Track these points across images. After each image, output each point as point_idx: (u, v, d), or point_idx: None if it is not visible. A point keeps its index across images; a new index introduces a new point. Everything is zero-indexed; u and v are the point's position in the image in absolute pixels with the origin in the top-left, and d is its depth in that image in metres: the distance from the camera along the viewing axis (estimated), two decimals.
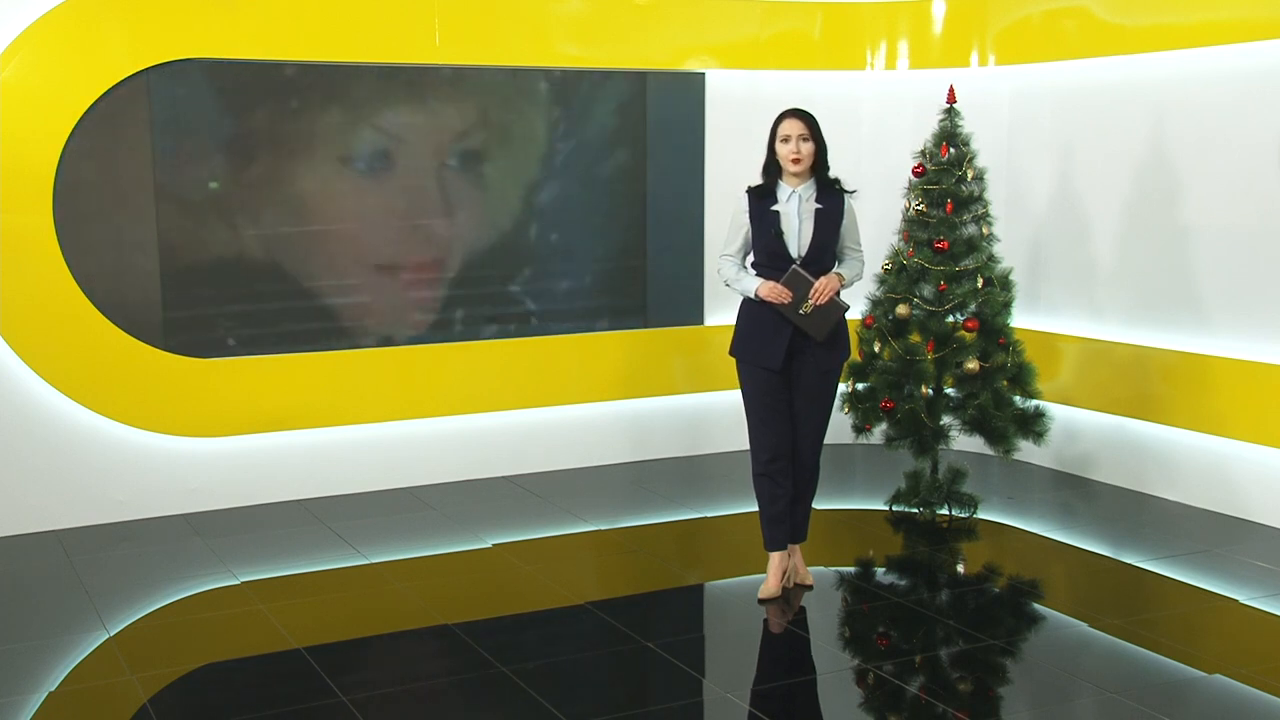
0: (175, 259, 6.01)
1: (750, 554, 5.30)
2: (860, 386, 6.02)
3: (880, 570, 5.43)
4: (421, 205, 6.50)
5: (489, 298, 6.69)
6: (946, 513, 6.00)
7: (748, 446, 4.92)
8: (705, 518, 6.14)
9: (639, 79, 6.91)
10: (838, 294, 4.71)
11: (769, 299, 4.69)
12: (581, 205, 6.89)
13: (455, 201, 6.57)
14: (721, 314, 6.97)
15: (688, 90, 7.01)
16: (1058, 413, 6.32)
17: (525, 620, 4.83)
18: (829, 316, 4.69)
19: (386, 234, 6.42)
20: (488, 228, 6.66)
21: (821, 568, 5.26)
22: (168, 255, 5.99)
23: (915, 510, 6.02)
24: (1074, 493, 6.47)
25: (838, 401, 5.12)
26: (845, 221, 4.79)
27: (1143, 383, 6.32)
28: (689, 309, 7.18)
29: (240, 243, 6.15)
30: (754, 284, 4.74)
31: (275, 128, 6.15)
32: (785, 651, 4.62)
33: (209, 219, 6.08)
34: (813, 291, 4.64)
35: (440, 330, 6.58)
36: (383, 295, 6.46)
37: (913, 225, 5.91)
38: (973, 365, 5.75)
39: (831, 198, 4.76)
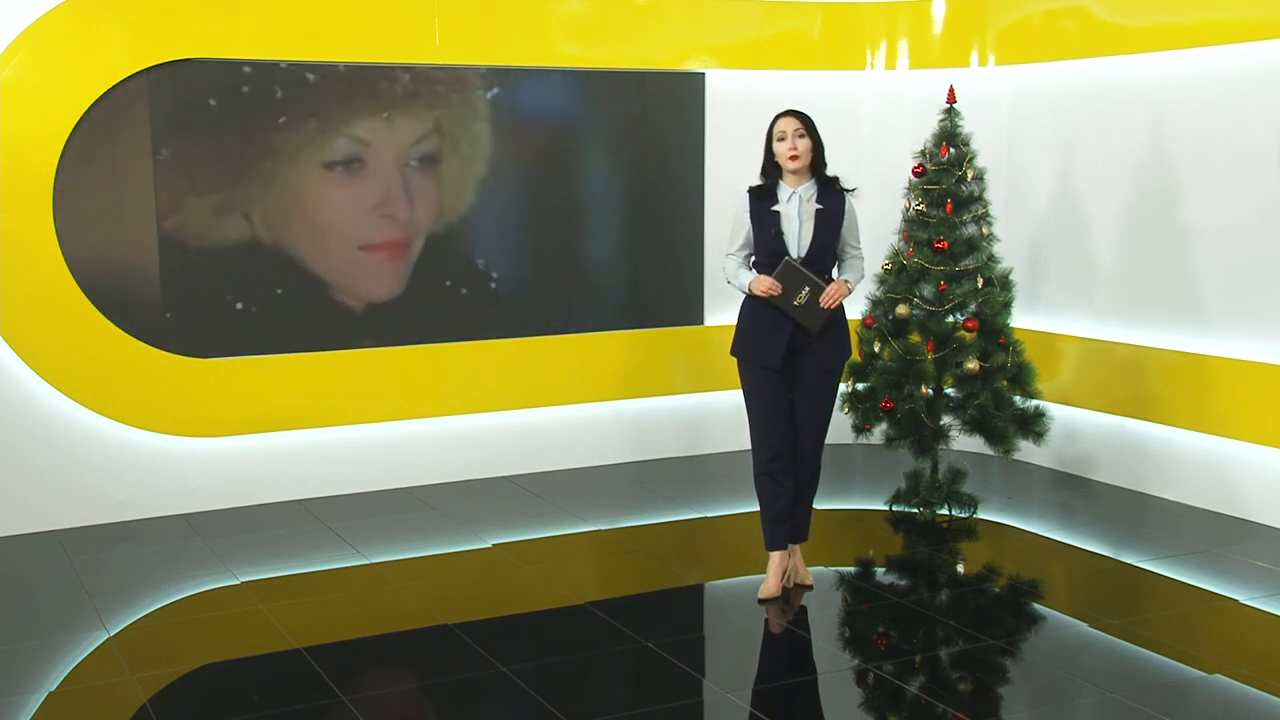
0: (175, 259, 6.01)
1: (750, 554, 5.30)
2: (860, 386, 6.02)
3: (880, 570, 5.43)
4: (421, 205, 6.49)
5: (488, 298, 6.69)
6: (946, 513, 6.00)
7: (748, 446, 4.92)
8: (705, 518, 6.14)
9: (639, 79, 6.91)
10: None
11: (760, 293, 4.69)
12: (581, 205, 6.88)
13: (453, 201, 6.57)
14: (722, 314, 6.96)
15: (688, 90, 7.01)
16: (1058, 413, 6.32)
17: (525, 620, 4.83)
18: (823, 309, 4.69)
19: (386, 234, 6.41)
20: (486, 227, 6.66)
21: (821, 568, 5.26)
22: (168, 255, 5.99)
23: (915, 510, 6.02)
24: (1074, 493, 6.47)
25: (838, 401, 5.11)
26: (846, 222, 4.78)
27: (1142, 383, 6.32)
28: (689, 309, 7.17)
29: (240, 242, 6.14)
30: (748, 278, 4.75)
31: (275, 127, 6.14)
32: (785, 651, 4.62)
33: (209, 218, 6.07)
34: (823, 297, 4.64)
35: (440, 330, 6.57)
36: (382, 294, 6.45)
37: (913, 225, 5.91)
38: (973, 365, 5.75)
39: (832, 197, 4.75)
